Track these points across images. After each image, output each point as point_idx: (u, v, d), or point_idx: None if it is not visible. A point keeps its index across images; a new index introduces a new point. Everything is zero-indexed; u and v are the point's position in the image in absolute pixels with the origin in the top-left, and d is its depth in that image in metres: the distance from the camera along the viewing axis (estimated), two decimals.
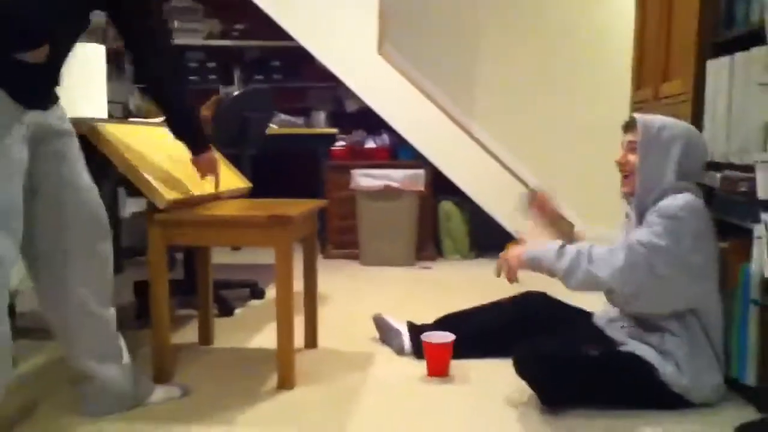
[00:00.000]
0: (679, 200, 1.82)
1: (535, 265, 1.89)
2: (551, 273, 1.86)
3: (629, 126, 1.96)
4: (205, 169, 2.11)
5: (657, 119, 1.92)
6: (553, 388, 1.84)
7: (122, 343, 1.82)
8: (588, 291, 1.87)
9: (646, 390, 1.83)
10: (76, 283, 1.70)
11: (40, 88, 1.61)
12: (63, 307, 1.70)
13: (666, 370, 1.81)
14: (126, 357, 1.82)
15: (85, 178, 1.72)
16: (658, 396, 1.83)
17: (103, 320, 1.76)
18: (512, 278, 1.92)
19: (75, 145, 1.72)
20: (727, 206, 2.01)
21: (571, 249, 1.85)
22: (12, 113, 1.50)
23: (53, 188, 1.65)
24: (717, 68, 2.12)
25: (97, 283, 1.74)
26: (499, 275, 1.95)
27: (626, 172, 1.96)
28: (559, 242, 1.89)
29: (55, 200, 1.66)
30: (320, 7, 4.09)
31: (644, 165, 1.89)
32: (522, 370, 1.87)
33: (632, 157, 1.93)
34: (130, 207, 3.95)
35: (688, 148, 1.88)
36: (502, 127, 4.58)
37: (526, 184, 4.19)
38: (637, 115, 1.94)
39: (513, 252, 1.93)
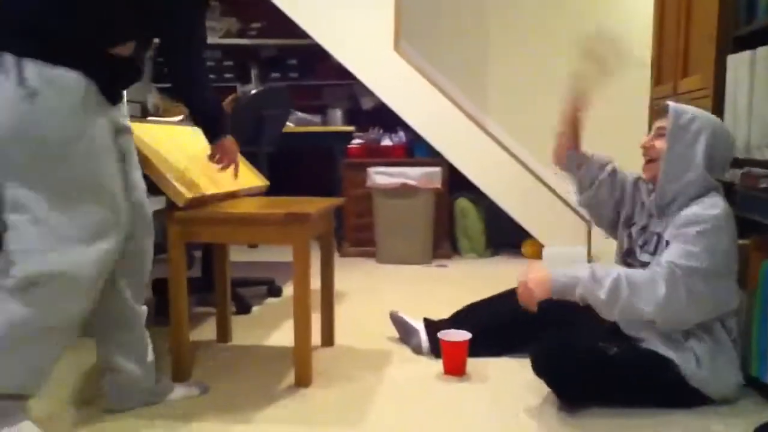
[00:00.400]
0: (710, 207, 1.78)
1: (565, 293, 1.79)
2: (584, 301, 1.79)
3: (661, 113, 1.93)
4: (224, 156, 2.04)
5: (689, 109, 1.88)
6: (570, 385, 1.83)
7: (149, 339, 1.84)
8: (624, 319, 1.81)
9: (664, 386, 1.81)
10: (122, 279, 1.73)
11: (122, 83, 1.69)
12: (107, 300, 1.72)
13: (685, 365, 1.79)
14: (150, 354, 1.84)
15: (138, 175, 1.77)
16: (677, 392, 1.81)
17: (137, 316, 1.79)
18: (532, 308, 1.83)
19: (133, 142, 1.78)
20: (747, 203, 1.99)
21: (605, 275, 1.76)
22: (101, 106, 1.57)
23: None
24: (738, 63, 2.09)
25: (137, 279, 1.78)
26: (521, 305, 1.85)
27: (649, 156, 1.94)
28: (586, 265, 1.82)
29: None
30: (336, 5, 4.09)
31: (670, 152, 1.86)
32: (539, 368, 1.86)
33: (659, 143, 1.90)
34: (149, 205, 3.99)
35: (714, 140, 1.84)
36: (518, 123, 4.55)
37: (543, 181, 4.17)
38: (670, 102, 1.91)
39: (535, 278, 1.82)
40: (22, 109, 1.44)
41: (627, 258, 2.04)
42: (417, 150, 4.26)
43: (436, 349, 2.24)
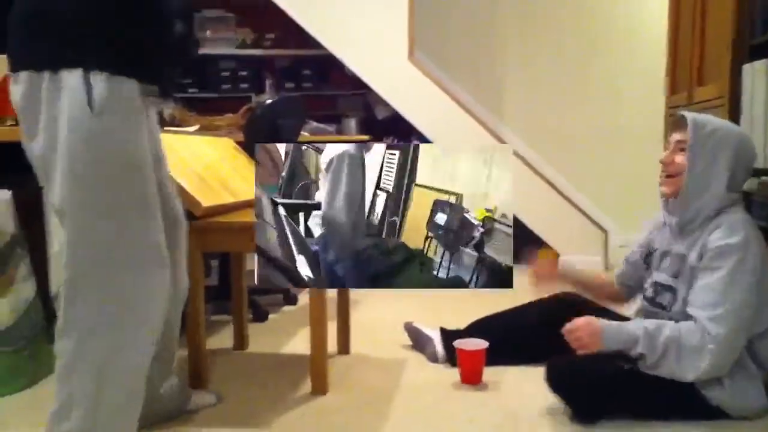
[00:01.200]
0: (734, 229, 1.73)
1: (618, 348, 1.77)
2: (636, 357, 1.77)
3: (678, 124, 1.84)
4: None
5: (709, 120, 1.80)
6: (584, 402, 1.80)
7: (177, 347, 1.79)
8: None
9: (683, 404, 1.77)
10: None
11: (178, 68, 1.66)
12: None
13: (705, 385, 1.75)
14: (175, 362, 1.81)
15: (169, 181, 1.71)
16: (696, 409, 1.77)
17: (168, 326, 1.68)
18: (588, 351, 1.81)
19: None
20: (764, 212, 1.98)
21: (659, 335, 1.72)
22: (148, 108, 1.49)
23: None
24: (754, 72, 2.09)
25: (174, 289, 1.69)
26: (573, 348, 1.83)
27: (670, 173, 1.84)
28: (640, 324, 1.77)
29: None
30: (350, 15, 4.12)
31: (692, 168, 1.77)
32: (553, 385, 1.84)
33: (679, 158, 1.81)
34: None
35: (738, 154, 1.77)
36: (533, 132, 4.56)
37: (558, 190, 4.16)
38: (687, 113, 1.82)
39: (586, 326, 1.80)
40: (92, 128, 1.33)
41: (646, 289, 1.97)
42: None
43: (451, 357, 2.24)
